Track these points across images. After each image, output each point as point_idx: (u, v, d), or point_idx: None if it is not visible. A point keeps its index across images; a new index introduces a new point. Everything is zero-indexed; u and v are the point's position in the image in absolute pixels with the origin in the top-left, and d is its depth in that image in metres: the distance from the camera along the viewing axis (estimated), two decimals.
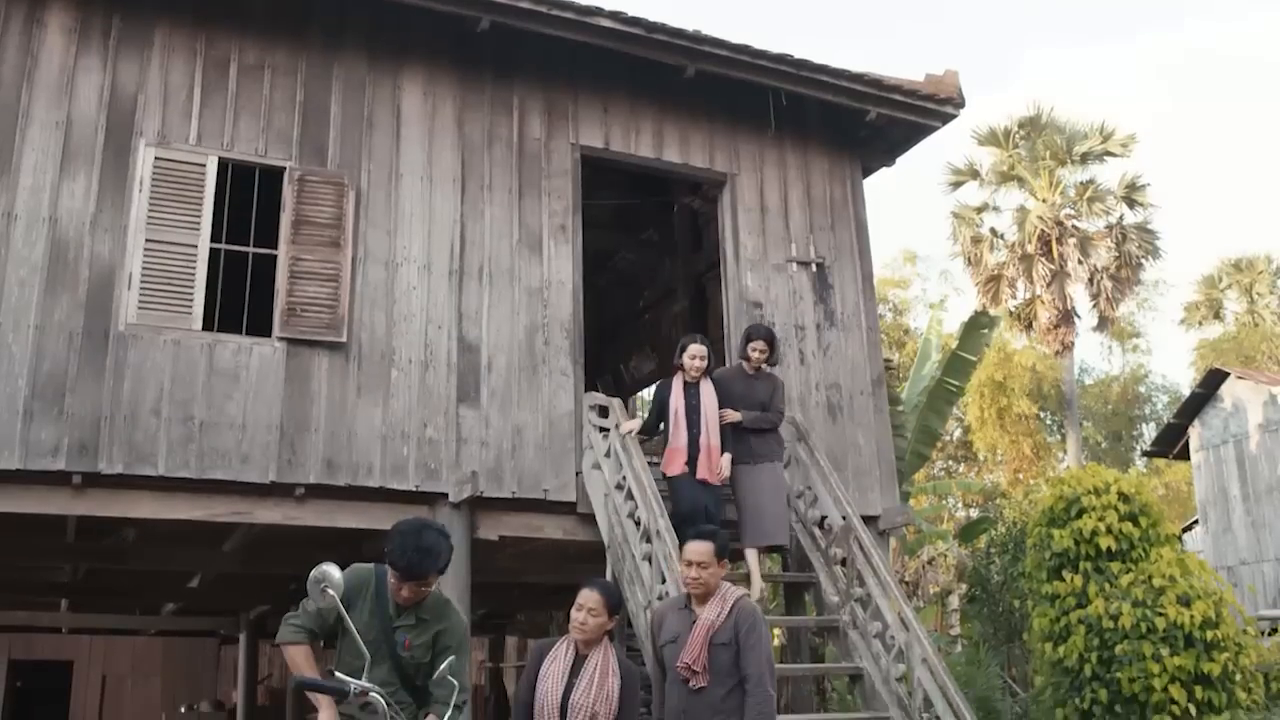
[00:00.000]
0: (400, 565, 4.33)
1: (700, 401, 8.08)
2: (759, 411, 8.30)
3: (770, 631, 5.48)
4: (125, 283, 7.92)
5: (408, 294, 8.62)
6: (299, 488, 8.03)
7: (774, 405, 8.43)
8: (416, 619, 4.48)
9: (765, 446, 8.29)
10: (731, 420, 8.15)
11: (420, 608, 4.51)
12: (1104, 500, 11.94)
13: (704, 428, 8.00)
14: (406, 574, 4.33)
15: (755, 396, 8.36)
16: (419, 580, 4.37)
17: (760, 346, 8.43)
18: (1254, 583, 18.56)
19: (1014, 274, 26.09)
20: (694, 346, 8.23)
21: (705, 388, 8.17)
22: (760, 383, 8.47)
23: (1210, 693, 10.95)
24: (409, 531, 4.42)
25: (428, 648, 4.47)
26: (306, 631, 4.39)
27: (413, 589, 4.36)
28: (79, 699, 18.21)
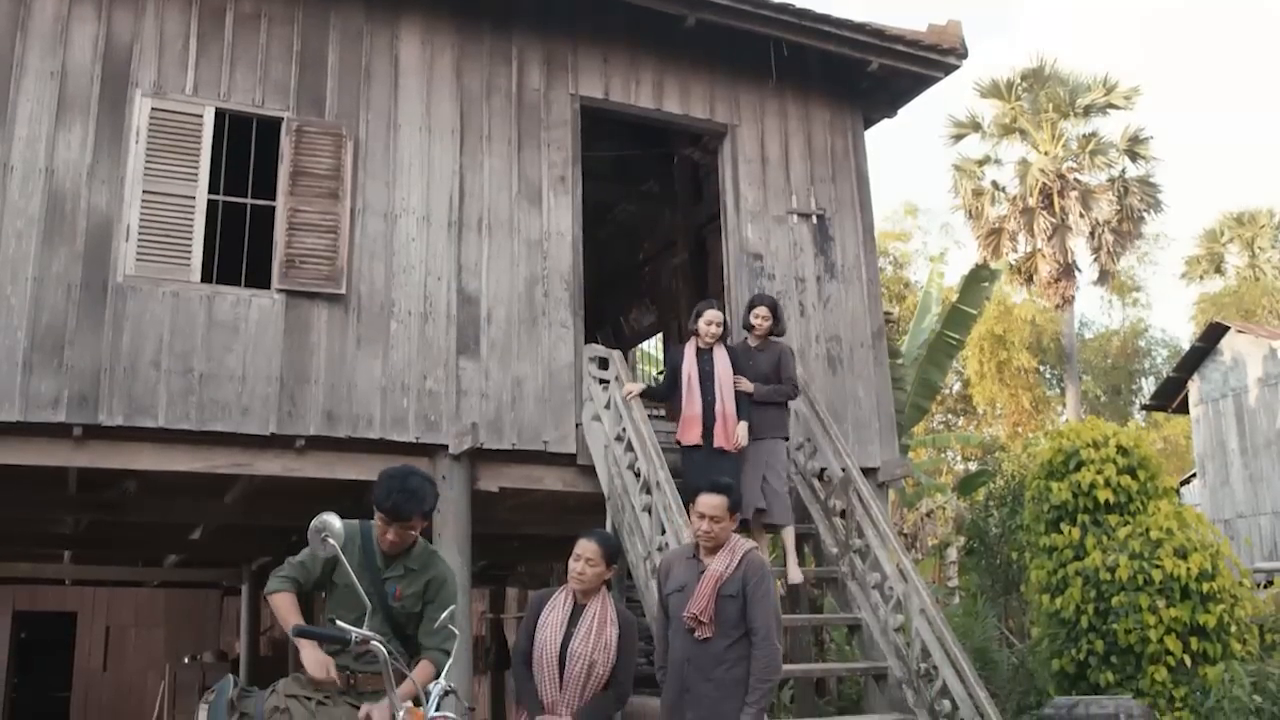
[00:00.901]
0: (386, 506, 4.36)
1: (714, 368, 7.86)
2: (760, 384, 8.03)
3: (776, 583, 5.50)
4: (123, 234, 7.89)
5: (407, 246, 8.59)
6: (299, 440, 8.04)
7: (785, 376, 8.15)
8: (405, 569, 4.49)
9: (766, 422, 8.01)
10: (744, 389, 7.92)
11: (408, 557, 4.52)
12: (1102, 453, 11.98)
13: (719, 395, 7.77)
14: (392, 515, 4.36)
15: (759, 370, 8.10)
16: (404, 522, 4.39)
17: (763, 313, 8.20)
18: (1250, 536, 18.67)
19: (1015, 227, 26.02)
20: (710, 312, 8.02)
21: (719, 354, 7.94)
22: (764, 354, 8.21)
23: (1205, 644, 11.05)
24: (395, 475, 4.45)
25: (418, 597, 4.49)
26: (291, 581, 4.43)
27: (398, 532, 4.38)
28: (83, 650, 18.36)
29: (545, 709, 5.08)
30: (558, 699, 5.06)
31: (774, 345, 8.27)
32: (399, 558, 4.49)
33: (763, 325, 8.19)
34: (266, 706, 4.10)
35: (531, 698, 5.18)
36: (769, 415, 8.03)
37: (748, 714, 5.11)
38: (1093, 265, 26.23)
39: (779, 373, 8.12)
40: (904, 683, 7.17)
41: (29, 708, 17.73)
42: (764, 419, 7.96)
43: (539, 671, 5.12)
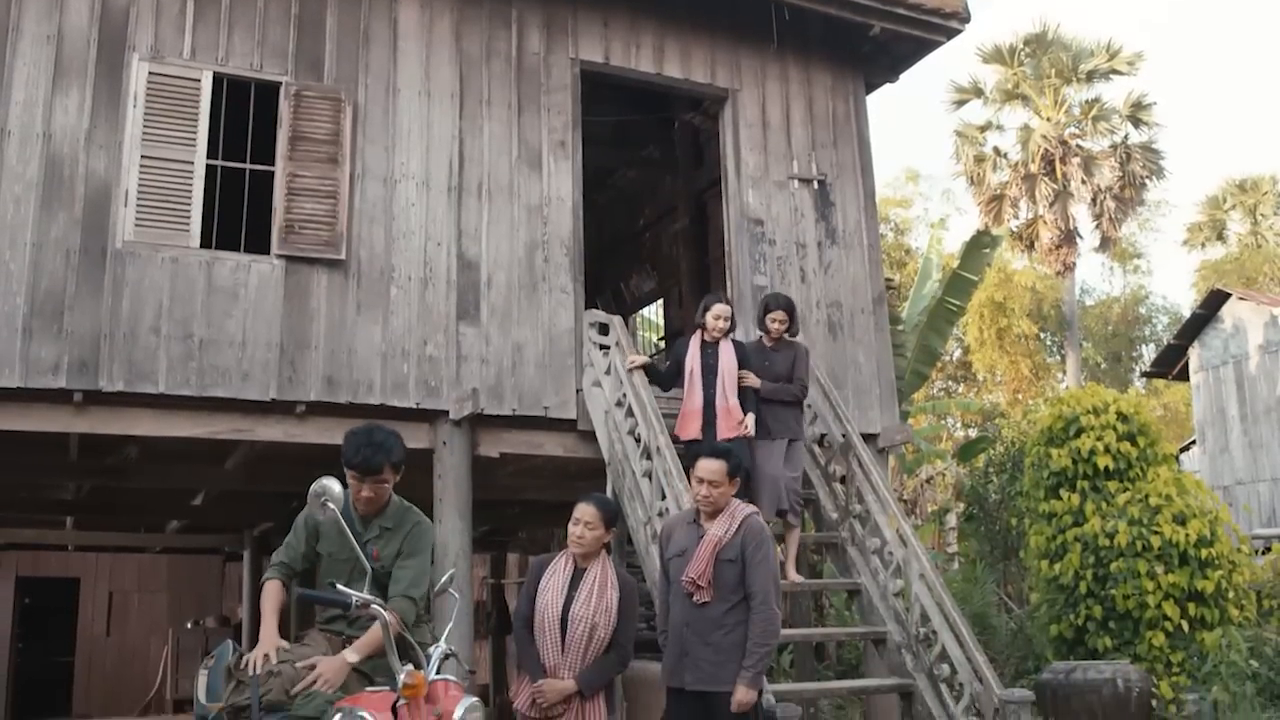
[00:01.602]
0: (356, 462, 4.40)
1: (718, 362, 7.69)
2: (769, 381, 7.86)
3: (775, 548, 5.51)
4: (121, 200, 7.86)
5: (406, 211, 8.56)
6: (300, 405, 8.05)
7: (796, 376, 7.97)
8: (380, 529, 4.53)
9: (780, 423, 7.83)
10: (751, 385, 7.73)
11: (383, 517, 4.55)
12: (1102, 420, 12.00)
13: (720, 388, 7.60)
14: (363, 470, 4.39)
15: (773, 369, 7.91)
16: (375, 475, 4.42)
17: (780, 317, 8.01)
18: (1249, 502, 18.72)
19: (1017, 194, 25.95)
20: (718, 306, 7.86)
21: (725, 349, 7.78)
22: (779, 354, 8.02)
23: (1203, 609, 11.11)
24: (359, 431, 4.52)
25: (395, 555, 4.53)
26: (281, 567, 4.53)
27: (372, 487, 4.40)
28: (86, 615, 18.45)
29: (547, 672, 5.10)
30: (560, 662, 5.09)
31: (790, 345, 8.10)
32: (375, 518, 4.53)
33: (779, 329, 8.02)
34: (262, 671, 4.13)
35: (532, 662, 5.20)
36: (781, 415, 7.85)
37: (745, 677, 5.14)
38: (1094, 232, 26.17)
39: (793, 373, 7.96)
40: (903, 647, 7.20)
41: (33, 672, 17.85)
42: (777, 418, 7.81)
43: (541, 635, 5.15)
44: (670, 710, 5.50)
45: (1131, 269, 38.40)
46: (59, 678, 17.97)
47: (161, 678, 17.95)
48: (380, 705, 3.65)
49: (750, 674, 5.14)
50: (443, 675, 3.77)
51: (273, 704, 4.05)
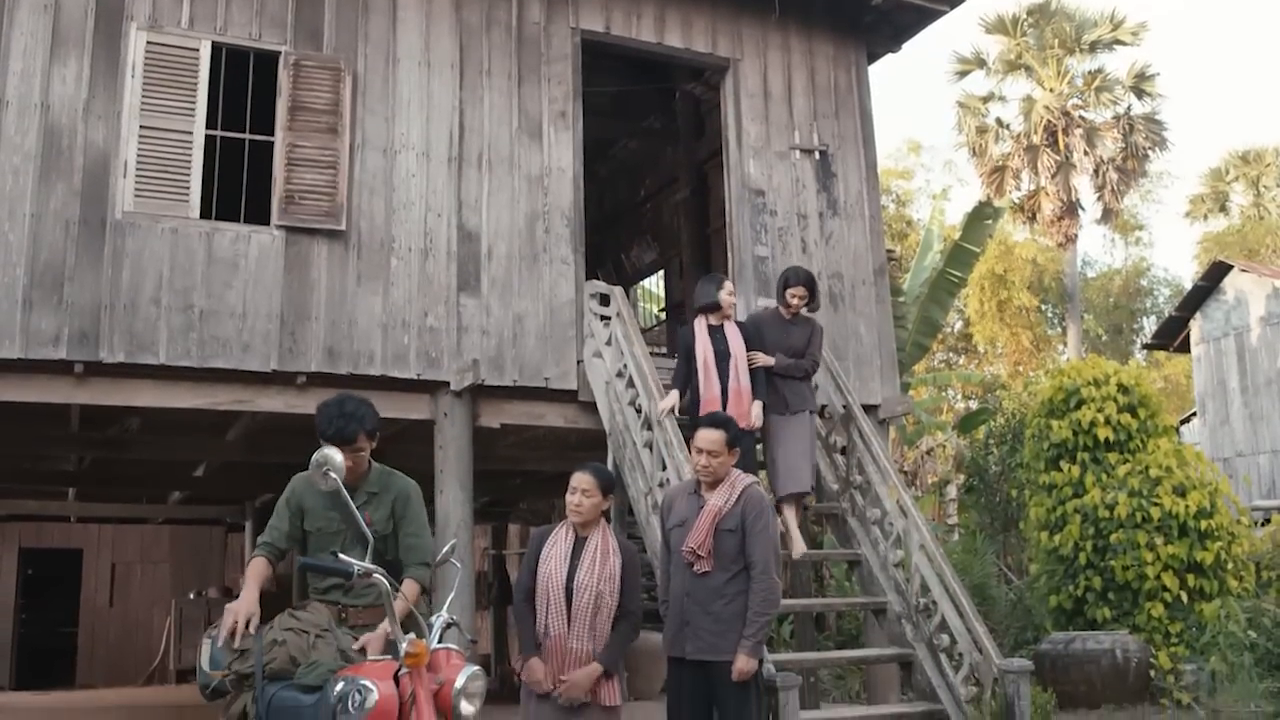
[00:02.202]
0: (330, 434, 4.41)
1: (729, 346, 7.47)
2: (782, 356, 7.70)
3: (776, 518, 5.52)
4: (120, 170, 7.84)
5: (407, 181, 8.53)
6: (300, 376, 8.05)
7: (809, 352, 7.85)
8: (367, 494, 4.55)
9: (798, 396, 7.72)
10: (762, 364, 7.55)
11: (366, 483, 4.57)
12: (1103, 391, 12.02)
13: (733, 372, 7.40)
14: (338, 440, 4.40)
15: (791, 343, 7.77)
16: (350, 444, 4.43)
17: (800, 292, 7.83)
18: (1249, 474, 18.75)
19: (1019, 165, 25.87)
20: (728, 284, 7.74)
21: (732, 331, 7.56)
22: (797, 328, 7.88)
23: (1202, 580, 11.16)
24: (330, 403, 4.54)
25: (387, 518, 4.55)
26: (267, 547, 4.55)
27: (349, 456, 4.40)
28: (89, 586, 18.51)
29: (553, 641, 5.11)
30: (565, 631, 5.10)
31: (808, 321, 7.96)
32: (359, 486, 4.53)
33: (799, 304, 7.87)
34: (265, 640, 4.14)
35: (529, 637, 5.20)
36: (796, 389, 7.74)
37: (745, 647, 5.16)
38: (1096, 204, 26.11)
39: (808, 349, 7.85)
40: (903, 617, 7.22)
41: (36, 643, 17.93)
42: (793, 393, 7.70)
43: (545, 605, 5.16)
44: (671, 679, 5.53)
45: (1133, 241, 38.33)
46: (62, 648, 18.05)
47: (164, 648, 18.02)
48: (382, 674, 3.66)
49: (751, 643, 5.17)
50: (445, 644, 3.78)
51: (276, 672, 4.06)
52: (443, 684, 3.58)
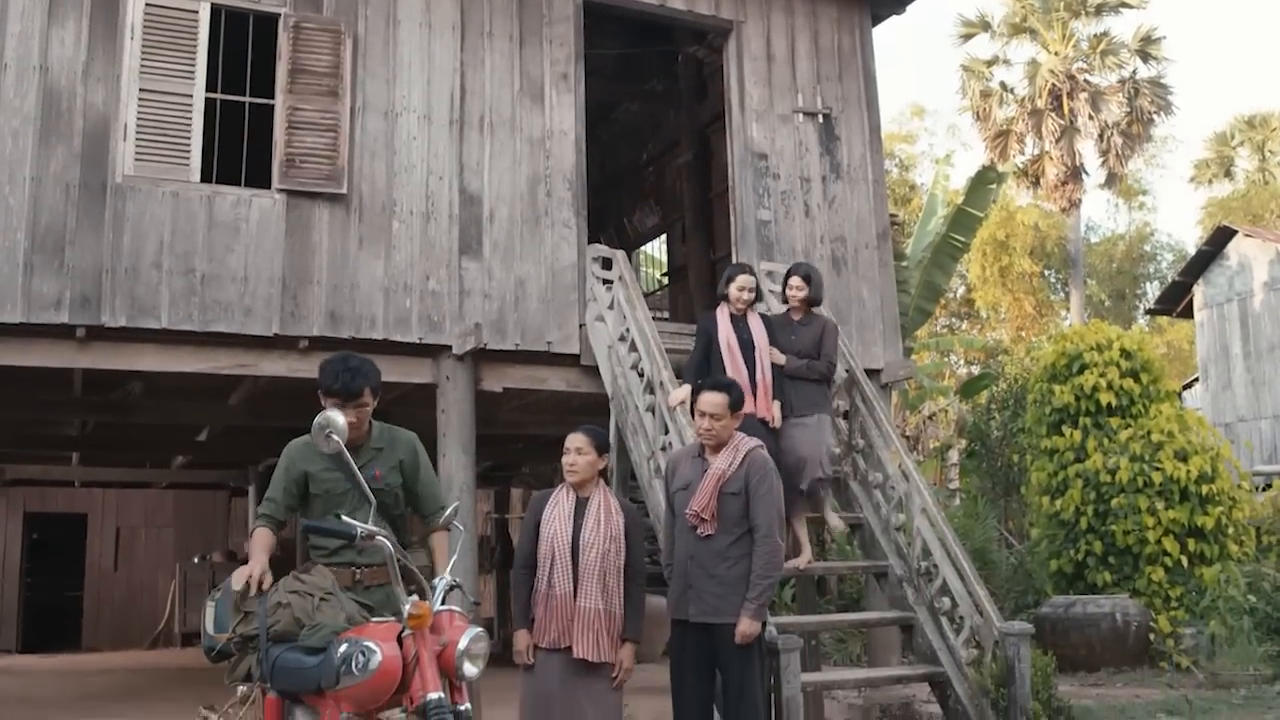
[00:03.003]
0: (336, 388, 4.42)
1: (753, 336, 7.15)
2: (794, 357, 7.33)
3: (779, 482, 5.51)
4: (120, 134, 7.80)
5: (408, 144, 8.49)
6: (302, 340, 8.04)
7: (824, 353, 7.44)
8: (373, 451, 4.56)
9: (805, 400, 7.31)
10: (775, 360, 7.20)
11: (371, 440, 4.57)
12: (1106, 356, 12.03)
13: (759, 364, 7.07)
14: (345, 395, 4.41)
15: (798, 344, 7.40)
16: (356, 399, 4.45)
17: (796, 283, 7.51)
18: (1251, 439, 18.78)
19: (1023, 129, 25.74)
20: (742, 277, 7.27)
21: (754, 322, 7.23)
22: (806, 329, 7.51)
23: (1203, 545, 11.21)
24: (334, 360, 4.55)
25: (396, 472, 4.57)
26: (266, 519, 4.54)
27: (354, 412, 4.42)
28: (94, 550, 18.60)
29: (559, 601, 5.13)
30: (570, 590, 5.13)
31: (817, 319, 7.60)
32: (364, 444, 4.54)
33: (796, 295, 7.52)
34: (270, 602, 4.16)
35: (522, 609, 5.21)
36: (810, 391, 7.36)
37: (748, 610, 5.18)
38: (1100, 168, 25.99)
39: (819, 348, 7.45)
40: (904, 581, 7.24)
41: (42, 606, 18.04)
42: (806, 395, 7.32)
43: (551, 565, 5.17)
44: (674, 642, 5.56)
45: (1137, 206, 38.22)
46: (68, 611, 18.16)
47: (169, 612, 18.13)
48: (386, 636, 3.68)
49: (754, 606, 5.18)
50: (448, 607, 3.79)
51: (280, 634, 4.08)
52: (446, 645, 3.60)
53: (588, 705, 5.16)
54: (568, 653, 5.13)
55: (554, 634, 5.14)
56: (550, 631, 5.14)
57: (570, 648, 5.12)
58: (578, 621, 5.13)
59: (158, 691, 11.35)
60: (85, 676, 13.09)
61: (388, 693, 3.59)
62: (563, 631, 5.13)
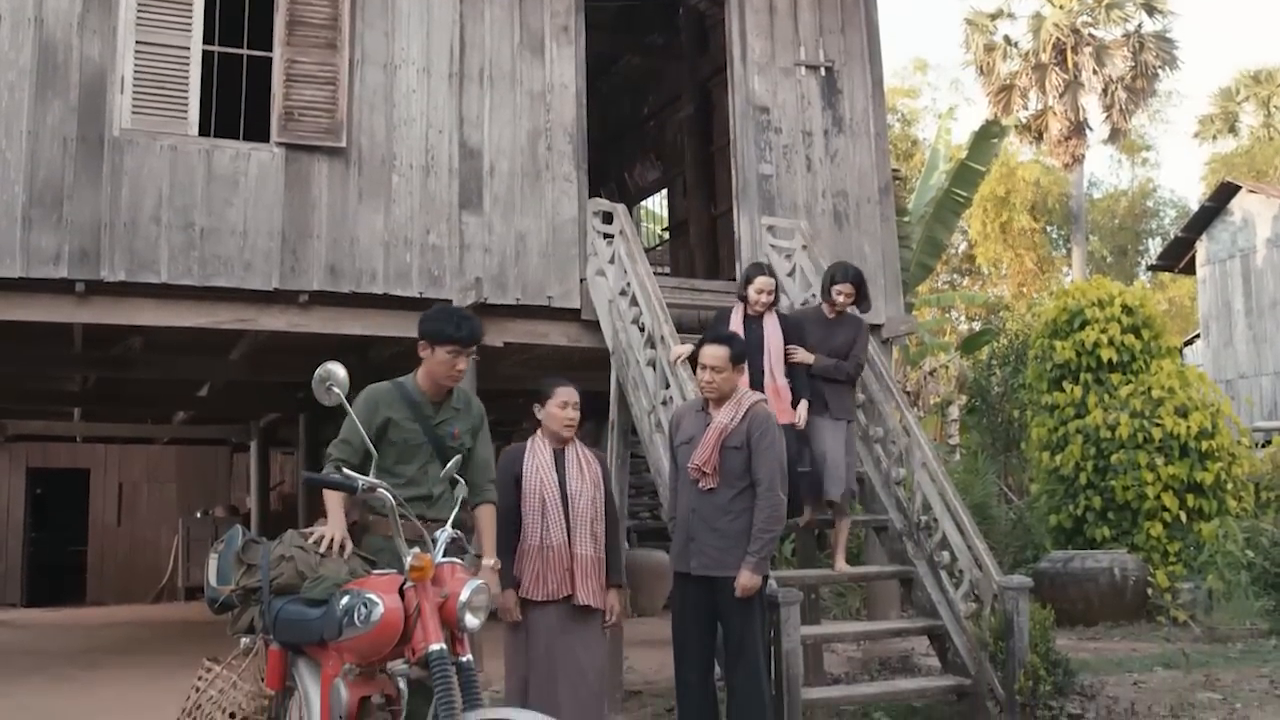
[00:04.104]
0: (463, 335, 4.50)
1: (764, 338, 6.87)
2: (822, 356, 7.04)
3: (781, 436, 5.50)
4: (118, 86, 7.75)
5: (407, 97, 8.43)
6: (302, 295, 8.03)
7: (854, 354, 7.18)
8: (453, 410, 4.62)
9: (838, 402, 7.09)
10: (800, 361, 6.94)
11: (452, 397, 4.64)
12: (1107, 312, 12.02)
13: (768, 367, 6.80)
14: (468, 340, 4.52)
15: (833, 343, 7.10)
16: (474, 345, 4.57)
17: (847, 290, 7.15)
18: (1252, 395, 18.79)
19: (1026, 84, 25.54)
20: (760, 279, 6.99)
21: (770, 323, 6.95)
22: (842, 329, 7.20)
23: (1202, 501, 11.25)
24: (443, 310, 4.67)
25: (471, 434, 4.65)
26: (341, 464, 4.32)
27: (466, 358, 4.52)
28: (97, 505, 18.68)
29: (555, 551, 5.14)
30: (565, 539, 5.15)
31: (852, 319, 7.28)
32: (444, 402, 4.60)
33: (845, 303, 7.18)
34: (273, 555, 4.17)
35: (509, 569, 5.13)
36: (837, 393, 7.10)
37: (750, 563, 5.20)
38: (1104, 123, 25.82)
39: (851, 349, 7.17)
40: (904, 535, 7.26)
41: (47, 561, 18.14)
42: (834, 396, 7.06)
43: (542, 516, 5.17)
44: (676, 594, 5.59)
45: (1140, 162, 38.03)
46: (72, 566, 18.27)
47: (173, 566, 18.24)
48: (388, 588, 3.68)
49: (755, 559, 5.20)
50: (449, 559, 3.80)
51: (283, 587, 4.09)
52: (447, 597, 3.60)
53: (581, 651, 5.20)
54: (563, 603, 5.16)
55: (553, 585, 5.14)
56: (548, 583, 5.15)
57: (568, 597, 5.15)
58: (577, 569, 5.17)
59: (161, 645, 11.43)
60: (90, 630, 13.18)
61: (390, 644, 3.61)
62: (561, 581, 5.15)
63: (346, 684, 3.70)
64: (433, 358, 4.53)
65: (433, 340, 4.52)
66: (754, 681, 5.31)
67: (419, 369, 4.62)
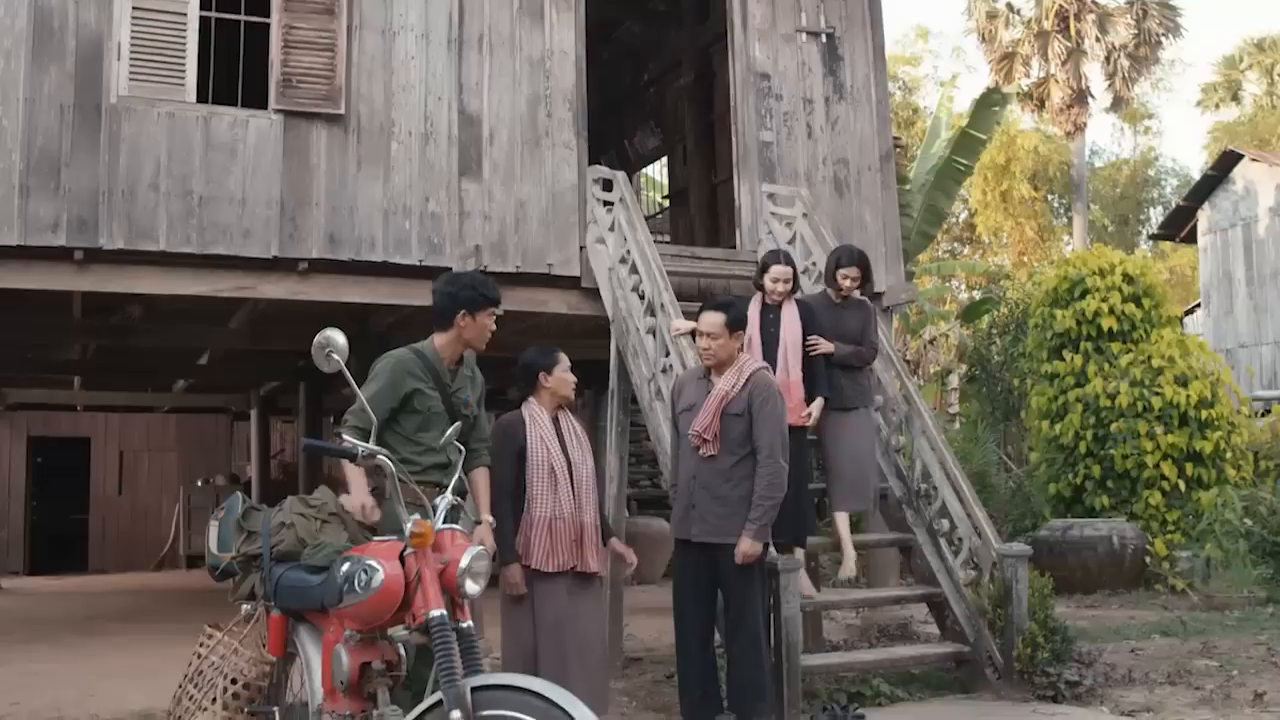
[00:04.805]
0: (491, 295, 4.60)
1: (780, 329, 6.57)
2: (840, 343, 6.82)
3: (783, 403, 5.50)
4: (114, 53, 7.70)
5: (406, 64, 8.37)
6: (302, 262, 8.01)
7: (866, 339, 6.99)
8: (465, 378, 4.65)
9: (856, 389, 6.90)
10: (823, 351, 6.67)
11: (463, 365, 4.67)
12: (1108, 281, 12.00)
13: (782, 360, 6.48)
14: (496, 300, 4.63)
15: (844, 329, 6.86)
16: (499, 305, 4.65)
17: (853, 274, 6.92)
18: (1252, 365, 18.78)
19: (1029, 51, 25.43)
20: (776, 268, 6.65)
21: (787, 313, 6.63)
22: (850, 313, 6.97)
23: (1201, 469, 11.28)
24: (465, 275, 4.75)
25: (478, 402, 4.70)
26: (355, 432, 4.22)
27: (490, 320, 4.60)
28: (98, 474, 18.73)
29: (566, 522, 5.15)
30: (574, 509, 5.18)
31: (861, 304, 7.10)
32: (458, 368, 4.63)
33: (852, 287, 6.97)
34: (273, 522, 4.18)
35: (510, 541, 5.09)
36: (858, 382, 6.93)
37: (750, 530, 5.22)
38: (1106, 92, 25.70)
39: (863, 334, 6.99)
40: (903, 502, 7.28)
41: (48, 529, 18.21)
42: (852, 385, 6.87)
43: (553, 488, 5.16)
44: (677, 561, 5.61)
45: (1142, 130, 37.87)
46: (74, 534, 18.34)
47: (174, 534, 18.31)
48: (388, 554, 3.69)
49: (755, 526, 5.22)
50: (449, 525, 3.80)
51: (283, 554, 4.11)
52: (447, 564, 3.60)
53: (587, 620, 5.25)
54: (569, 573, 5.17)
55: (563, 556, 5.15)
56: (559, 555, 5.14)
57: (573, 567, 5.17)
58: (585, 538, 5.21)
59: (163, 612, 11.49)
60: (92, 598, 13.25)
61: (390, 610, 3.61)
62: (571, 552, 5.17)
63: (348, 650, 3.72)
64: (474, 324, 4.57)
65: (473, 308, 4.54)
66: (754, 648, 5.34)
67: (436, 336, 4.61)
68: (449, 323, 4.56)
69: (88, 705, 6.56)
